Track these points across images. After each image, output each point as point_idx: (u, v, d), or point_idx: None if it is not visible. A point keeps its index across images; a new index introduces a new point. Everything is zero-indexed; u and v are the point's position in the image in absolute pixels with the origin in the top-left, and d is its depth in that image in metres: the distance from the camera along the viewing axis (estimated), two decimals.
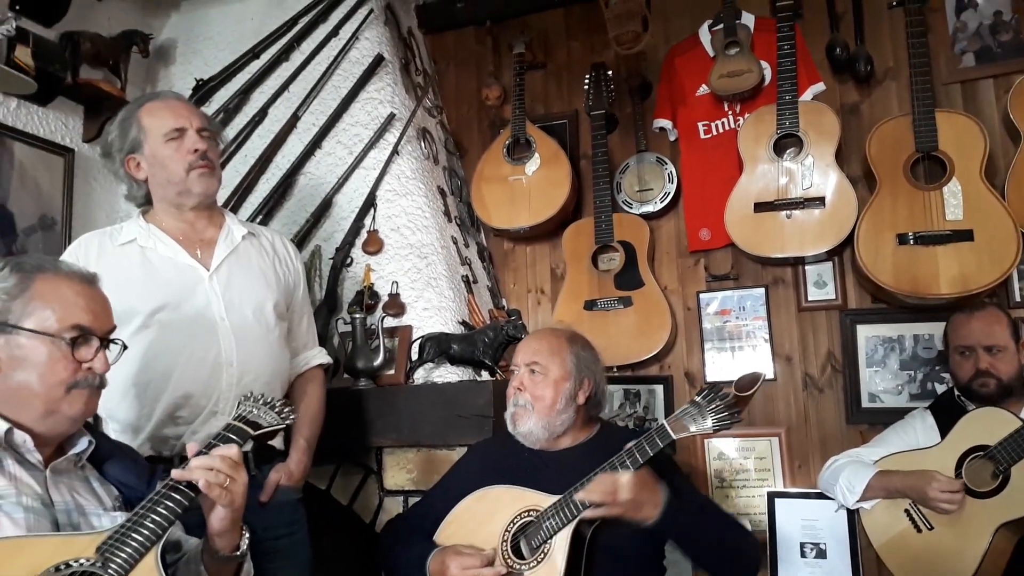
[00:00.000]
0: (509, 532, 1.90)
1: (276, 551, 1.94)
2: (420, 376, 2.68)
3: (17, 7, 2.69)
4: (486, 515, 1.95)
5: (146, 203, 2.07)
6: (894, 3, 2.93)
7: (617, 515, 1.74)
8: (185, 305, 1.93)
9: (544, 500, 1.88)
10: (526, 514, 1.90)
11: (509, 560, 1.86)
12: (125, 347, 1.47)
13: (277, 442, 2.05)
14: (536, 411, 2.01)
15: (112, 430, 1.93)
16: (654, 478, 1.79)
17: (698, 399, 1.80)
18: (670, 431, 1.77)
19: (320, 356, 2.29)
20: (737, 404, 1.78)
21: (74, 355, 1.35)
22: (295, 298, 2.21)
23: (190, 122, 2.00)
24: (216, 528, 1.36)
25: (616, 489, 1.71)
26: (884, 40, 3.01)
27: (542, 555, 1.82)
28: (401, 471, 2.56)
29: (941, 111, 2.69)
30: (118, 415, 1.92)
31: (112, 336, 1.45)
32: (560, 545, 1.80)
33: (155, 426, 1.89)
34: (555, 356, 2.06)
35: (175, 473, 1.32)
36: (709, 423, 1.76)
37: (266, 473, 1.96)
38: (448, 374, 2.69)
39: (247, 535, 1.43)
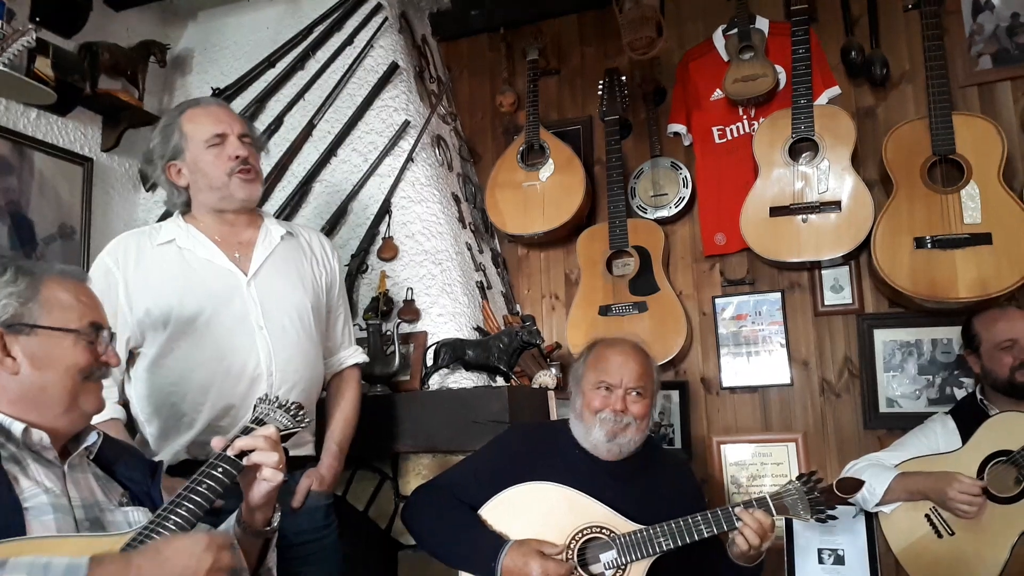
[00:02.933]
0: (577, 541, 1.90)
1: (307, 555, 1.95)
2: (435, 382, 2.68)
3: (37, 19, 2.73)
4: (547, 512, 1.94)
5: (186, 210, 2.06)
6: (910, 6, 2.92)
7: (748, 551, 1.84)
8: (223, 312, 1.91)
9: (617, 520, 1.91)
10: (597, 529, 1.91)
11: (577, 572, 1.87)
12: (114, 335, 1.50)
13: (308, 448, 2.07)
14: (636, 428, 2.02)
15: (149, 434, 1.93)
16: None
17: (800, 484, 1.91)
18: (772, 508, 1.88)
19: (356, 355, 2.26)
20: (832, 500, 1.88)
21: (95, 349, 1.39)
22: (331, 297, 2.18)
23: (231, 128, 1.99)
24: (256, 501, 1.41)
25: (771, 530, 1.85)
26: (900, 43, 3.00)
27: None
28: (417, 477, 2.57)
29: (958, 114, 2.68)
30: (156, 422, 1.92)
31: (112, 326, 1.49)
32: (637, 572, 1.86)
33: (196, 434, 1.89)
34: (649, 375, 2.09)
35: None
36: (803, 503, 1.88)
37: (297, 479, 1.97)
38: (463, 380, 2.69)
39: (279, 511, 1.48)
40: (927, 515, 2.28)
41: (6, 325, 1.34)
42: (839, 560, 2.58)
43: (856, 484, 1.91)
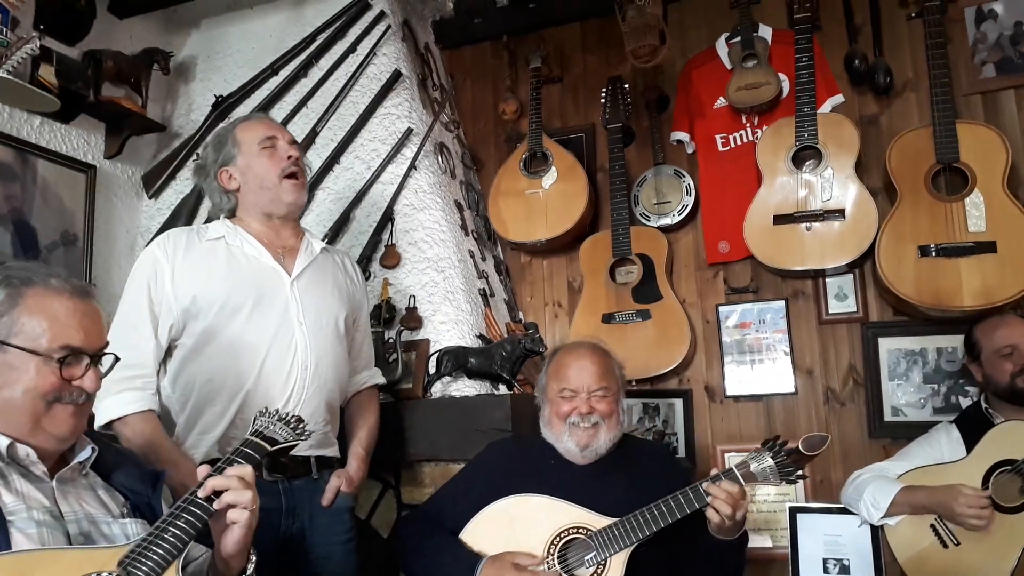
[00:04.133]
0: (556, 546, 1.91)
1: (330, 556, 2.00)
2: (438, 390, 2.67)
3: (41, 26, 2.73)
4: (525, 523, 1.95)
5: (231, 216, 2.14)
6: (913, 14, 2.92)
7: (724, 525, 1.81)
8: (267, 305, 1.98)
9: (592, 518, 1.91)
10: (574, 531, 1.91)
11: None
12: (118, 359, 1.43)
13: (334, 450, 2.11)
14: (607, 427, 2.05)
15: (180, 425, 1.93)
16: None
17: (765, 450, 1.88)
18: (739, 476, 1.85)
19: (378, 376, 2.35)
20: (800, 461, 1.86)
21: (62, 374, 1.31)
22: (360, 316, 2.27)
23: (281, 134, 2.12)
24: (228, 550, 1.34)
25: (741, 499, 1.82)
26: (903, 51, 3.00)
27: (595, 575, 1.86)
28: (420, 485, 2.56)
29: (962, 122, 2.68)
30: (189, 412, 1.93)
31: (107, 344, 1.42)
32: (617, 565, 1.85)
33: (227, 426, 1.91)
34: (611, 373, 2.12)
35: (201, 492, 1.31)
36: (772, 468, 1.85)
37: (327, 478, 2.02)
38: (465, 388, 2.68)
39: (254, 558, 1.40)
40: (932, 525, 2.27)
41: None
42: (844, 570, 2.57)
43: (821, 439, 1.89)
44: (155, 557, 1.21)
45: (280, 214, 2.10)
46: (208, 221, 2.42)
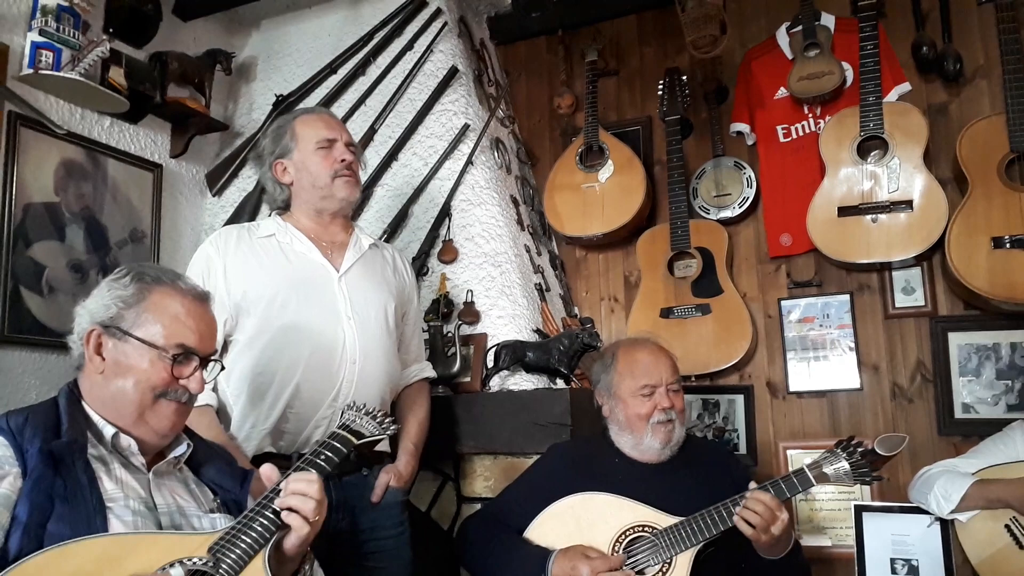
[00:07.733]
0: (621, 543, 1.91)
1: (382, 551, 2.02)
2: (495, 384, 2.68)
3: (110, 29, 2.82)
4: (591, 520, 1.96)
5: (283, 207, 2.20)
6: None
7: (760, 540, 1.79)
8: (315, 300, 2.02)
9: (658, 516, 1.91)
10: (640, 528, 1.92)
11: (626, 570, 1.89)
12: (223, 367, 1.50)
13: (383, 445, 2.12)
14: (679, 423, 2.06)
15: (234, 418, 1.98)
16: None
17: (839, 450, 1.85)
18: (811, 478, 1.82)
19: (428, 370, 2.38)
20: (877, 463, 1.81)
21: (173, 371, 1.39)
22: (410, 310, 2.30)
23: (340, 135, 2.15)
24: (289, 552, 1.37)
25: (777, 514, 1.78)
26: (973, 38, 2.90)
27: (660, 574, 1.87)
28: (479, 478, 2.57)
29: None
30: (241, 403, 1.98)
31: (216, 352, 1.50)
32: (683, 564, 1.85)
33: (278, 419, 1.95)
34: (677, 368, 2.14)
35: (279, 503, 1.34)
36: (846, 469, 1.81)
37: (376, 474, 2.04)
38: (523, 382, 2.68)
39: (307, 567, 1.43)
40: (1007, 525, 2.19)
41: (104, 325, 1.39)
42: (913, 570, 2.50)
43: (900, 440, 1.83)
44: (243, 545, 1.26)
45: (332, 210, 2.14)
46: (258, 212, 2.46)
